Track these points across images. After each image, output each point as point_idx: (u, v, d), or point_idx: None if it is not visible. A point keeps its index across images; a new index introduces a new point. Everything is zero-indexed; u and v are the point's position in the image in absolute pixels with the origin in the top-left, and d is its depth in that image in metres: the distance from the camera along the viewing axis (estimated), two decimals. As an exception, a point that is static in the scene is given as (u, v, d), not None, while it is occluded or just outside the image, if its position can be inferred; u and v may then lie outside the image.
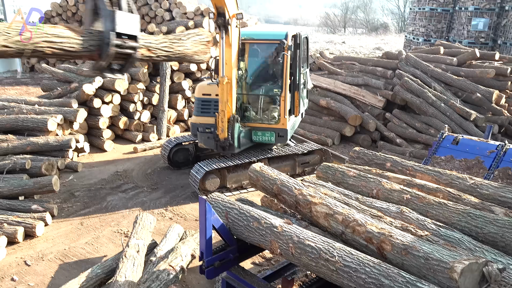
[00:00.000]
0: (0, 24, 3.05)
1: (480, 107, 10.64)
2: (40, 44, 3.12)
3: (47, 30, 3.21)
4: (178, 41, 3.91)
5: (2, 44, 2.97)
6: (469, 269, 2.73)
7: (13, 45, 3.00)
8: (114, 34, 3.41)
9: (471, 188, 4.48)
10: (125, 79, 10.73)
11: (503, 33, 18.42)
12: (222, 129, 7.58)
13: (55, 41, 3.23)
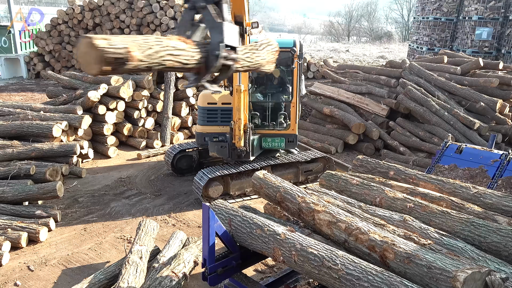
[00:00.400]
0: (129, 37, 2.89)
1: (484, 116, 10.63)
2: (165, 57, 2.95)
3: (168, 43, 3.02)
4: (256, 51, 3.83)
5: (138, 59, 2.87)
6: (472, 278, 2.73)
7: (146, 59, 2.80)
8: (223, 46, 3.30)
9: (474, 197, 4.48)
10: (130, 86, 10.80)
11: (507, 42, 18.44)
12: (239, 138, 7.62)
13: (175, 53, 3.06)
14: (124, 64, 2.73)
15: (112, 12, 18.01)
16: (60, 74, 12.28)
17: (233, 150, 7.77)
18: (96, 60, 2.60)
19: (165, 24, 17.01)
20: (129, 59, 2.72)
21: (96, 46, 2.57)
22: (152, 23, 17.44)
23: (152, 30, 17.25)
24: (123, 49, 2.69)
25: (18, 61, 20.62)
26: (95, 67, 2.63)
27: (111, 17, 18.22)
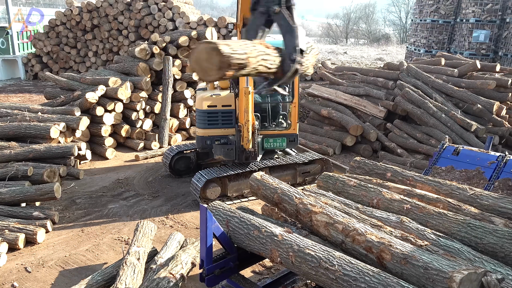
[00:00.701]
0: (235, 42, 2.78)
1: (481, 118, 10.66)
2: (260, 62, 2.94)
3: (261, 48, 3.01)
4: (306, 55, 3.87)
5: (253, 63, 2.78)
6: (468, 279, 2.75)
7: (254, 64, 2.82)
8: (299, 51, 3.34)
9: (471, 199, 4.50)
10: (128, 88, 10.81)
11: (504, 44, 18.50)
12: (248, 140, 7.65)
13: (266, 58, 3.08)
14: (243, 69, 2.74)
15: (110, 14, 18.02)
16: (58, 76, 12.27)
17: (242, 152, 7.79)
18: (220, 66, 2.60)
19: (163, 26, 17.04)
20: (247, 65, 2.74)
21: (221, 52, 2.58)
22: (150, 24, 17.48)
23: (150, 31, 17.28)
24: (243, 54, 2.71)
25: (16, 62, 20.60)
26: (217, 73, 2.64)
27: (109, 18, 18.23)
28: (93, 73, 12.22)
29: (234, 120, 8.10)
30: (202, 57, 2.65)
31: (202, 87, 8.71)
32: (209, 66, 2.64)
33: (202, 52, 2.63)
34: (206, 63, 2.64)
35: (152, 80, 11.70)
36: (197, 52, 2.66)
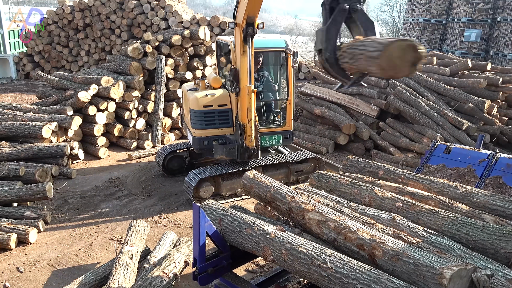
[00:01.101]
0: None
1: (472, 117, 10.75)
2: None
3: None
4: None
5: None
6: (458, 275, 2.77)
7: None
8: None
9: (462, 196, 4.53)
10: (121, 87, 10.77)
11: (495, 44, 18.66)
12: (252, 138, 7.70)
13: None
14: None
15: (103, 13, 17.93)
16: (49, 75, 12.20)
17: (245, 151, 7.81)
18: (413, 62, 2.78)
19: (156, 25, 16.98)
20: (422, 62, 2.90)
21: (418, 50, 2.78)
22: (143, 23, 17.42)
23: (143, 30, 17.22)
24: (424, 51, 2.89)
25: (7, 61, 20.43)
26: (408, 69, 2.79)
27: (101, 17, 18.15)
28: (86, 72, 12.17)
29: (231, 119, 8.10)
30: (395, 54, 2.75)
31: (191, 87, 8.69)
32: (402, 63, 2.77)
33: (396, 49, 2.74)
34: (399, 60, 2.76)
35: (145, 79, 11.67)
36: (392, 48, 2.75)
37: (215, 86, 8.36)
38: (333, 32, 3.61)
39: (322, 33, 3.64)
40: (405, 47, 2.75)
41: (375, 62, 2.89)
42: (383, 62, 2.79)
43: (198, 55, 12.82)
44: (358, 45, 3.28)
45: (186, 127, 9.24)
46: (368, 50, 3.03)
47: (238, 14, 7.14)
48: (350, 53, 3.41)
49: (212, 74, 9.27)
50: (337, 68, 3.66)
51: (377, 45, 2.93)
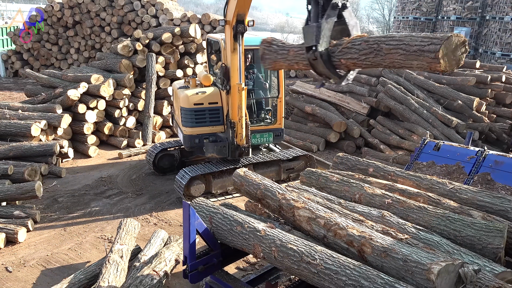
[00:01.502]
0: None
1: (461, 114, 10.85)
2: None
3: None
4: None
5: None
6: (445, 270, 2.80)
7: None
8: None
9: (450, 193, 4.57)
10: (111, 85, 10.69)
11: (484, 42, 18.83)
12: (242, 136, 7.71)
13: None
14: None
15: (92, 10, 17.79)
16: (39, 73, 12.07)
17: (235, 149, 7.81)
18: (459, 57, 2.98)
19: (147, 23, 16.88)
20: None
21: (464, 43, 2.96)
22: (133, 21, 17.30)
23: (134, 28, 17.10)
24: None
25: (-5, 59, 20.19)
26: (456, 64, 3.00)
27: (91, 14, 18.00)
28: (75, 70, 12.07)
29: (222, 117, 8.08)
30: (452, 48, 2.94)
31: (182, 85, 8.66)
32: (451, 57, 2.95)
33: (452, 44, 2.92)
34: (452, 54, 2.95)
35: (135, 77, 11.60)
36: (447, 43, 2.91)
37: (205, 84, 8.34)
38: (326, 28, 3.61)
39: (314, 29, 3.62)
40: (460, 43, 2.94)
41: (427, 56, 2.99)
42: (444, 55, 2.92)
43: (189, 52, 12.78)
44: (383, 40, 3.34)
45: (176, 125, 9.21)
46: (415, 44, 3.10)
47: (228, 11, 7.13)
48: (363, 49, 3.43)
49: (203, 72, 9.25)
50: (330, 64, 3.67)
51: (430, 40, 3.02)
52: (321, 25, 3.59)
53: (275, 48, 4.31)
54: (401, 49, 3.18)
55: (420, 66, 3.14)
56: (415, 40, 3.11)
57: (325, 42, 3.63)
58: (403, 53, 3.17)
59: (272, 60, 4.33)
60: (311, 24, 3.71)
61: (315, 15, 3.72)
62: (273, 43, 4.36)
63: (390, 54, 3.27)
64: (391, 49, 3.25)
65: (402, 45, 3.18)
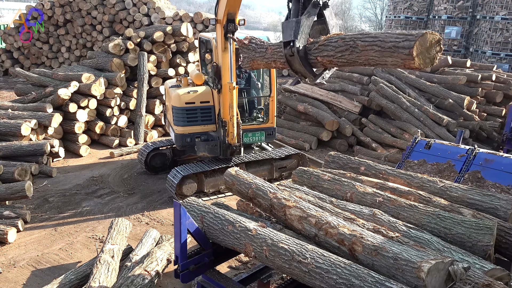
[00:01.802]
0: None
1: (452, 113, 10.92)
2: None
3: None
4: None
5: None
6: (435, 268, 2.81)
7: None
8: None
9: (441, 191, 4.60)
10: (102, 84, 10.62)
11: (475, 41, 18.97)
12: (234, 135, 7.70)
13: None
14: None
15: (84, 8, 17.64)
16: (29, 71, 11.96)
17: (227, 148, 7.79)
18: (434, 55, 3.00)
19: (139, 21, 16.78)
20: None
21: (439, 42, 2.98)
22: (125, 19, 17.18)
23: (125, 27, 16.99)
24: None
25: (-15, 58, 19.97)
26: (429, 62, 3.00)
27: (82, 13, 17.85)
28: (66, 69, 11.97)
29: (214, 116, 8.07)
30: (423, 47, 2.91)
31: (174, 83, 8.63)
32: (427, 56, 2.95)
33: (427, 42, 2.91)
34: (425, 52, 2.93)
35: (126, 76, 11.54)
36: (421, 40, 2.89)
37: (197, 83, 8.31)
38: (306, 25, 3.60)
39: (293, 24, 3.60)
40: (433, 41, 2.92)
41: (401, 53, 2.96)
42: (414, 52, 2.88)
43: (181, 51, 12.73)
44: (359, 37, 3.31)
45: (168, 124, 9.18)
46: (390, 41, 3.07)
47: (219, 10, 7.11)
48: (339, 46, 3.41)
49: (195, 71, 9.22)
50: (306, 62, 3.67)
51: (405, 36, 2.99)
52: (300, 21, 3.57)
53: (253, 47, 4.31)
54: (376, 45, 3.16)
55: (395, 63, 3.11)
56: (390, 37, 3.09)
57: (303, 39, 3.62)
58: (378, 50, 3.14)
59: (250, 58, 4.33)
60: (291, 19, 3.70)
61: (295, 12, 3.72)
62: (251, 41, 4.36)
63: (365, 51, 3.25)
64: (366, 46, 3.23)
65: (377, 41, 3.16)
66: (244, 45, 4.36)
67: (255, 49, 4.30)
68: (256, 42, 4.33)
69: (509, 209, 4.14)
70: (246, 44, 4.36)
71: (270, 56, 4.08)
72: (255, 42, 4.35)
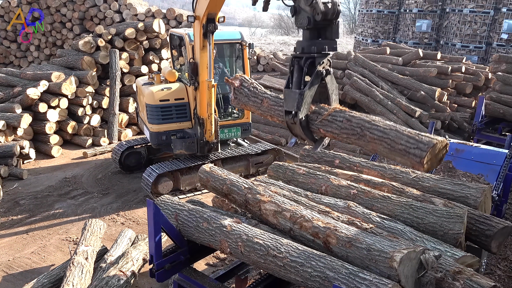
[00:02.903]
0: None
1: (424, 105, 11.11)
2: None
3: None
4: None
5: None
6: (407, 257, 2.85)
7: None
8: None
9: (413, 181, 4.67)
10: (73, 82, 10.38)
11: (445, 33, 19.36)
12: (212, 133, 7.66)
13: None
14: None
15: (52, 6, 17.18)
16: (-4, 71, 11.59)
17: (204, 145, 7.74)
18: (441, 157, 3.14)
19: (110, 18, 16.46)
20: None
21: (446, 146, 3.13)
22: (95, 16, 16.81)
23: (96, 24, 16.64)
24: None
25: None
26: (436, 164, 3.15)
27: (51, 10, 17.38)
28: (35, 68, 11.65)
29: (189, 113, 7.99)
30: (434, 153, 3.01)
31: (146, 81, 8.50)
32: (435, 160, 3.06)
33: (436, 149, 3.01)
34: (435, 157, 3.04)
35: (98, 74, 11.31)
36: (434, 150, 3.00)
37: (170, 80, 8.21)
38: (309, 95, 3.61)
39: (296, 96, 3.58)
40: (441, 147, 3.05)
41: (411, 158, 3.04)
42: (424, 161, 2.97)
43: (154, 48, 12.56)
44: (367, 127, 3.31)
45: (142, 122, 9.05)
46: (400, 143, 3.11)
47: (198, 6, 7.00)
48: (345, 128, 3.44)
49: (167, 68, 9.10)
50: (307, 131, 3.69)
51: (416, 143, 3.04)
52: (303, 93, 3.57)
53: (246, 92, 4.24)
54: (386, 143, 3.21)
55: (403, 163, 3.21)
56: (401, 139, 3.12)
57: (306, 109, 3.63)
58: (387, 147, 3.20)
59: (243, 103, 4.28)
60: (293, 90, 3.66)
61: (298, 80, 3.68)
62: (244, 85, 4.26)
63: (373, 143, 3.29)
64: (375, 139, 3.28)
65: (387, 139, 3.20)
66: (235, 88, 4.27)
67: (248, 96, 4.22)
68: (249, 87, 4.23)
69: (478, 197, 4.24)
70: (236, 86, 4.27)
71: (267, 110, 4.06)
72: (247, 86, 4.25)
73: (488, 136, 9.93)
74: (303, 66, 3.65)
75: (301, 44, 3.70)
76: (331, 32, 3.67)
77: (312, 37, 3.66)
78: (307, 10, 3.52)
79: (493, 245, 3.80)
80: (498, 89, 10.39)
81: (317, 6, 3.41)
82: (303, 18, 3.59)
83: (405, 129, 3.20)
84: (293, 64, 3.74)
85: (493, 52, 17.17)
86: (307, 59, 3.64)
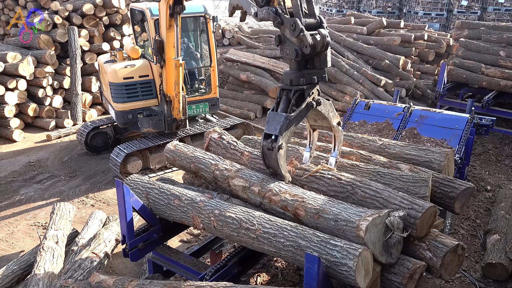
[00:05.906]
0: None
1: (389, 73, 11.28)
2: None
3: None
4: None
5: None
6: (373, 224, 2.93)
7: None
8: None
9: (380, 149, 4.78)
10: (30, 63, 9.94)
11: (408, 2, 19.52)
12: (180, 110, 7.55)
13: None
14: None
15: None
16: None
17: (172, 122, 7.65)
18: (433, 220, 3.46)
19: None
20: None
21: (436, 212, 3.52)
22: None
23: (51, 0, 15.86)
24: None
25: None
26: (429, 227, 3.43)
27: (1, -13, 16.43)
28: (-12, 49, 11.06)
29: (155, 90, 7.83)
30: (427, 216, 3.27)
31: (108, 58, 8.23)
32: (425, 224, 3.29)
33: (430, 213, 3.29)
34: (426, 222, 3.30)
35: (57, 53, 10.86)
36: (428, 213, 3.27)
37: (133, 57, 7.99)
38: (293, 124, 3.53)
39: (282, 120, 3.47)
40: (433, 212, 3.33)
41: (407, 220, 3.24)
42: (419, 223, 3.21)
43: (114, 24, 12.11)
44: (359, 185, 3.54)
45: (107, 102, 8.81)
46: (394, 203, 3.33)
47: None
48: (334, 185, 3.62)
49: (130, 44, 8.82)
50: (283, 162, 3.60)
51: (411, 204, 3.30)
52: (289, 119, 3.47)
53: (224, 144, 4.41)
54: (378, 202, 3.34)
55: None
56: (394, 199, 3.31)
57: (287, 137, 3.56)
58: (379, 206, 3.31)
59: (219, 154, 4.36)
60: (279, 113, 3.56)
61: (284, 106, 3.59)
62: (223, 138, 4.48)
63: (364, 201, 3.40)
64: (367, 198, 3.40)
65: (380, 198, 3.33)
66: (215, 139, 4.46)
67: (226, 148, 4.34)
68: (228, 141, 4.38)
69: (442, 161, 4.38)
70: (216, 138, 4.44)
71: (247, 163, 4.11)
72: (227, 140, 4.41)
73: (450, 102, 10.20)
74: (291, 98, 3.53)
75: (289, 76, 3.53)
76: (320, 62, 3.53)
77: (300, 68, 3.51)
78: (294, 42, 3.34)
79: (457, 206, 3.96)
80: (461, 54, 10.63)
81: (305, 39, 3.24)
82: (291, 50, 3.40)
83: (397, 192, 3.44)
84: (281, 96, 3.62)
85: (454, 19, 17.48)
86: (295, 92, 3.52)
